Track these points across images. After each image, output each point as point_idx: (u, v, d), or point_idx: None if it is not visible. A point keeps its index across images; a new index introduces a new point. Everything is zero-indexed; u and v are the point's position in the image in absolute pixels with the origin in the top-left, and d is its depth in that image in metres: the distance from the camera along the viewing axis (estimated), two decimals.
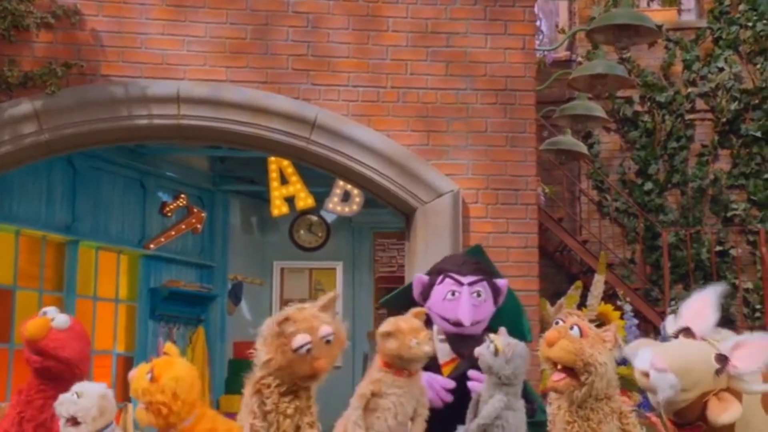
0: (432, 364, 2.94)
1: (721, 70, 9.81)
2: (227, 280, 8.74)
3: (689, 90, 9.86)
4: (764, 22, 9.76)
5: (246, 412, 2.36)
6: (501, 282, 3.13)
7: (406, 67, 5.15)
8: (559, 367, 2.58)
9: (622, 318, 5.37)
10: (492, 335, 2.73)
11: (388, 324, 2.66)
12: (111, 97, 4.84)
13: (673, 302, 8.35)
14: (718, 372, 2.35)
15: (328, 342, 2.40)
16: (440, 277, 3.05)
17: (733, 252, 9.53)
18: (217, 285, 8.55)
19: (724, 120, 9.74)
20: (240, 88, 4.98)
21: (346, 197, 8.66)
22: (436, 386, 2.88)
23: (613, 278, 8.69)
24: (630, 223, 9.77)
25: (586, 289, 5.65)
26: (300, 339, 2.36)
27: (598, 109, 7.32)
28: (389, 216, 5.38)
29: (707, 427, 2.42)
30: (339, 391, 3.06)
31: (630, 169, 9.91)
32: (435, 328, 3.05)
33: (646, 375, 2.25)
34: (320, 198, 8.58)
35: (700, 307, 2.56)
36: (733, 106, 9.72)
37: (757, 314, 9.29)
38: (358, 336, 8.09)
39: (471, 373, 2.85)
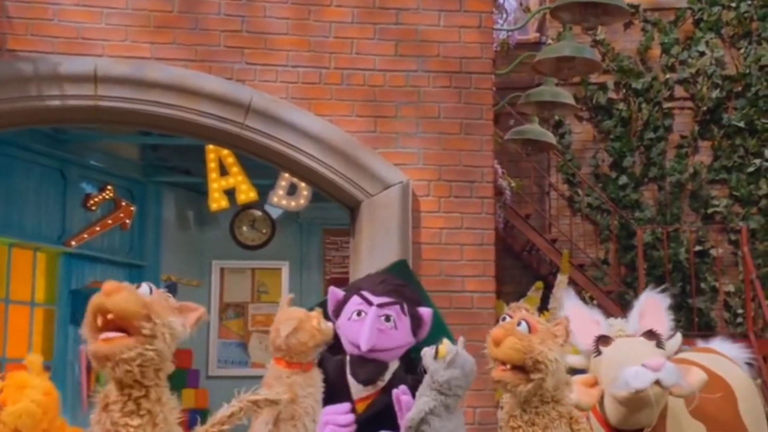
0: (344, 401, 2.92)
1: (702, 54, 9.96)
2: (160, 281, 8.63)
3: (668, 76, 9.99)
4: (748, 2, 9.92)
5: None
6: (424, 311, 3.03)
7: (351, 46, 5.14)
8: (508, 366, 2.60)
9: None
10: (445, 339, 2.77)
11: (288, 322, 2.68)
12: (18, 74, 4.75)
13: None
14: (658, 347, 2.48)
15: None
16: (352, 295, 3.00)
17: (713, 252, 9.68)
18: None
19: (704, 109, 9.89)
20: (165, 67, 4.93)
21: (292, 190, 8.62)
22: (338, 419, 2.84)
23: (583, 280, 8.80)
24: (603, 221, 9.88)
25: (549, 289, 5.72)
26: None
27: (566, 96, 7.38)
28: (341, 211, 5.37)
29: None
30: None
31: (603, 162, 10.02)
32: (348, 359, 3.01)
33: (658, 383, 2.34)
34: (264, 191, 8.52)
35: (656, 309, 2.65)
36: (715, 93, 9.88)
37: (739, 319, 9.44)
38: None
39: (395, 391, 2.81)
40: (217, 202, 8.37)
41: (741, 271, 9.39)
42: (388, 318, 2.93)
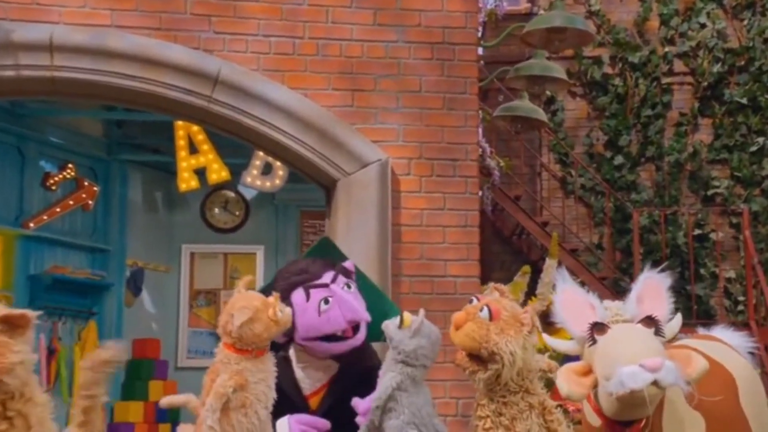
0: (296, 398, 2.93)
1: (703, 26, 9.98)
2: (125, 266, 8.64)
3: (666, 49, 10.00)
4: None
5: None
6: (348, 264, 3.10)
7: (327, 15, 5.11)
8: (464, 353, 2.65)
9: None
10: (406, 311, 2.82)
11: (243, 311, 2.67)
12: None
13: None
14: (657, 334, 2.52)
15: None
16: (297, 295, 2.95)
17: (713, 236, 9.73)
18: (112, 272, 8.45)
19: (705, 84, 9.92)
20: (127, 35, 4.89)
21: (267, 169, 8.61)
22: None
23: (576, 265, 8.82)
24: (597, 203, 9.91)
25: (538, 274, 5.72)
26: None
27: (557, 70, 7.36)
28: (321, 192, 5.38)
29: (647, 422, 2.53)
30: None
31: (598, 141, 10.04)
32: (293, 354, 3.02)
33: (655, 383, 2.34)
34: (237, 170, 8.51)
35: (655, 291, 2.65)
36: (716, 68, 9.91)
37: (740, 307, 9.50)
38: None
39: (356, 401, 2.83)
40: (187, 182, 8.35)
41: (742, 257, 9.45)
42: (349, 286, 2.97)
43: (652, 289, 2.67)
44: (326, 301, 2.92)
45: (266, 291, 3.04)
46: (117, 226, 8.60)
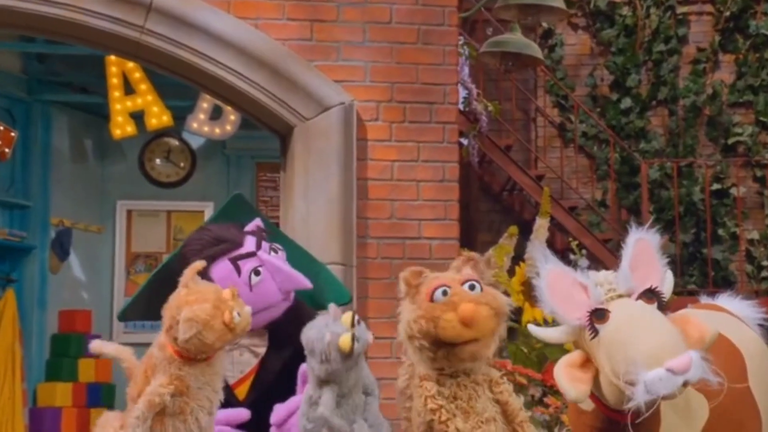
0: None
1: None
2: (49, 225, 8.65)
3: None
4: None
5: None
6: (258, 222, 3.13)
7: None
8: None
9: None
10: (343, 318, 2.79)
11: (189, 324, 2.55)
12: None
13: None
14: (660, 308, 2.57)
15: None
16: (220, 269, 2.93)
17: (734, 191, 9.78)
18: (34, 232, 8.49)
19: (727, 14, 9.91)
20: None
21: (216, 114, 8.62)
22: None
23: (575, 226, 8.87)
24: (601, 153, 9.94)
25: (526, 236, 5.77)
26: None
27: None
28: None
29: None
30: None
31: (602, 81, 10.04)
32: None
33: (686, 384, 2.42)
34: (181, 114, 8.51)
35: (647, 253, 2.67)
36: None
37: (764, 273, 9.60)
38: None
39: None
40: (122, 127, 8.34)
41: (767, 215, 9.52)
42: (276, 250, 2.99)
43: (644, 252, 2.68)
44: (257, 273, 2.92)
45: (171, 265, 3.00)
46: (39, 179, 8.60)
